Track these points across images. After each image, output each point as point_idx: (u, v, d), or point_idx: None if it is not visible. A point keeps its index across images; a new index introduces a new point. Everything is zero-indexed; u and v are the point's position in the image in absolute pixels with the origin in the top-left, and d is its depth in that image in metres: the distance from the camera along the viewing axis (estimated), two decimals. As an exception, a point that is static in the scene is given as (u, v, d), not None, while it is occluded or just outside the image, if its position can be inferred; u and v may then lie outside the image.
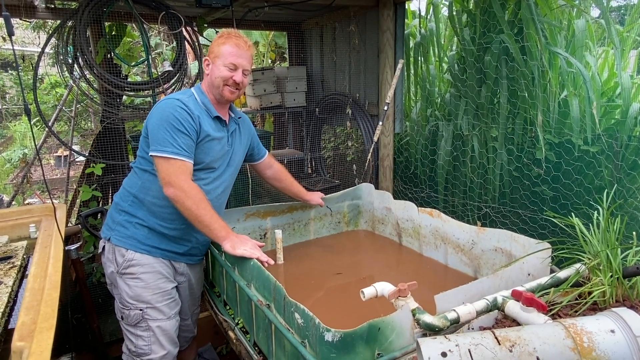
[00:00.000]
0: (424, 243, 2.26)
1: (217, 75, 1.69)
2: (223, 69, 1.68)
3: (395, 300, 1.32)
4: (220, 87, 1.70)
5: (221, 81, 1.69)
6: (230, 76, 1.69)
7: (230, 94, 1.72)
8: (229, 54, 1.68)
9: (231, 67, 1.69)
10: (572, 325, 0.88)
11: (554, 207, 2.33)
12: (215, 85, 1.70)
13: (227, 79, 1.69)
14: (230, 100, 1.74)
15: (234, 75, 1.69)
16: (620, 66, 2.19)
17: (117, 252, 1.68)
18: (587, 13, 2.31)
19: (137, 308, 1.66)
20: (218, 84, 1.70)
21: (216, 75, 1.69)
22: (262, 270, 1.49)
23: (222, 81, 1.69)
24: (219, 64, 1.69)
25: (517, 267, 1.51)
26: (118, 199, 1.74)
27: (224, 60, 1.68)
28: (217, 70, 1.69)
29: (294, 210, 2.44)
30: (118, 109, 2.59)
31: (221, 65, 1.68)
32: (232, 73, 1.69)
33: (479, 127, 2.60)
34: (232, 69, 1.69)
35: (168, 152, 1.57)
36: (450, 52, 2.85)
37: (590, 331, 0.87)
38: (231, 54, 1.68)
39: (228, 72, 1.68)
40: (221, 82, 1.69)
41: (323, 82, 3.77)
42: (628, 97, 2.21)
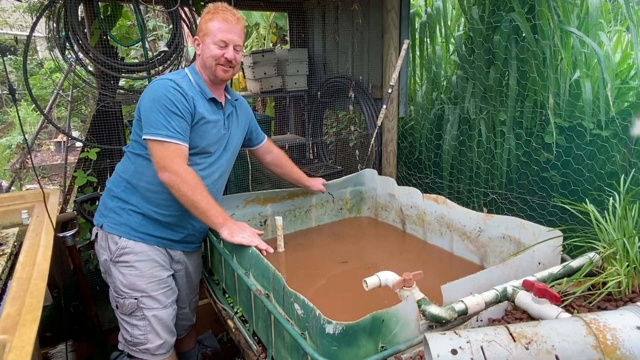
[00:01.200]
0: (428, 230, 2.20)
1: (208, 55, 1.61)
2: (213, 47, 1.60)
3: (399, 291, 1.26)
4: (213, 66, 1.62)
5: (213, 60, 1.61)
6: (221, 54, 1.60)
7: (224, 72, 1.63)
8: (218, 30, 1.59)
9: (221, 45, 1.60)
10: (593, 320, 0.82)
11: (564, 193, 2.25)
12: (208, 66, 1.62)
13: (218, 58, 1.61)
14: (224, 79, 1.66)
15: (225, 53, 1.60)
16: (637, 46, 2.08)
17: (110, 240, 1.62)
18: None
19: (132, 297, 1.61)
20: (210, 64, 1.62)
21: (207, 55, 1.61)
22: (261, 259, 1.43)
23: (213, 60, 1.61)
24: (208, 43, 1.61)
25: (527, 256, 1.44)
26: (110, 185, 1.68)
27: (213, 38, 1.60)
28: (208, 49, 1.61)
29: (294, 197, 2.37)
30: (114, 92, 2.50)
31: (211, 44, 1.60)
32: (223, 50, 1.60)
33: (487, 111, 2.50)
34: (223, 46, 1.60)
35: (162, 135, 1.50)
36: (457, 32, 2.74)
37: (614, 327, 0.80)
38: (220, 30, 1.59)
39: (219, 50, 1.60)
40: (213, 61, 1.61)
41: (325, 65, 3.67)
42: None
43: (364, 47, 3.15)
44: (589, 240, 1.40)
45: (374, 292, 1.73)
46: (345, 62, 3.38)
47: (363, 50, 3.17)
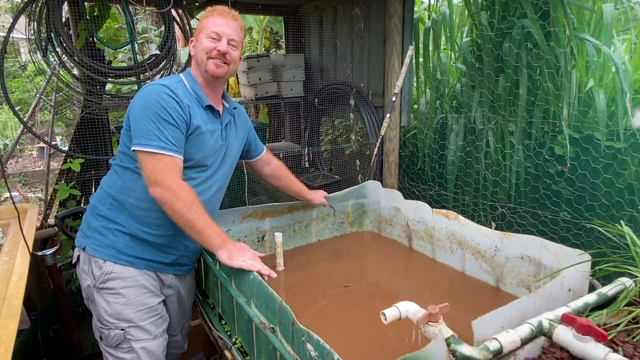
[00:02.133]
0: (437, 247, 2.07)
1: (200, 49, 1.48)
2: (205, 40, 1.47)
3: (424, 326, 1.12)
4: (204, 60, 1.48)
5: (204, 54, 1.47)
6: (213, 47, 1.46)
7: (216, 67, 1.48)
8: (212, 24, 1.47)
9: (214, 37, 1.46)
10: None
11: (578, 209, 2.14)
12: (199, 61, 1.49)
13: (210, 50, 1.46)
14: (216, 75, 1.49)
15: (217, 46, 1.46)
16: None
17: (94, 264, 1.45)
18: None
19: (118, 327, 1.44)
20: (202, 58, 1.48)
21: (199, 49, 1.48)
22: (265, 287, 1.27)
23: (205, 54, 1.47)
24: (201, 38, 1.48)
25: (557, 282, 1.32)
26: (95, 202, 1.51)
27: (206, 32, 1.47)
28: (200, 44, 1.48)
29: (294, 211, 2.23)
30: (100, 98, 2.33)
31: (204, 38, 1.47)
32: (214, 43, 1.46)
33: (495, 121, 2.39)
34: (215, 39, 1.46)
35: (154, 146, 1.34)
36: (464, 38, 2.63)
37: None
38: (214, 24, 1.47)
39: (211, 43, 1.46)
40: (204, 55, 1.47)
41: (322, 71, 3.54)
42: (661, 88, 2.02)
43: (364, 53, 3.03)
44: (624, 265, 1.29)
45: (374, 318, 1.60)
46: (344, 68, 3.26)
47: (363, 57, 3.05)
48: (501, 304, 1.70)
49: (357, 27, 2.96)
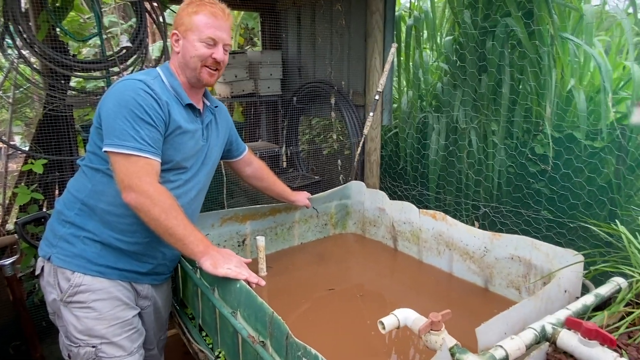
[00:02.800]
0: (424, 248, 2.03)
1: (193, 55, 1.35)
2: (199, 45, 1.35)
3: (426, 336, 1.06)
4: (198, 68, 1.37)
5: (198, 61, 1.36)
6: (209, 54, 1.35)
7: (210, 76, 1.39)
8: (205, 25, 1.34)
9: (209, 43, 1.35)
10: None
11: (561, 207, 2.15)
12: (191, 67, 1.37)
13: (205, 58, 1.36)
14: (209, 84, 1.41)
15: (213, 53, 1.36)
16: (633, 56, 2.03)
17: (61, 275, 1.31)
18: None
19: (89, 345, 1.31)
20: (194, 65, 1.36)
21: (191, 55, 1.35)
22: (254, 297, 1.18)
23: (199, 61, 1.36)
24: (192, 40, 1.35)
25: (554, 284, 1.29)
26: (61, 207, 1.37)
27: (199, 35, 1.34)
28: (192, 47, 1.35)
29: (276, 213, 2.14)
30: (65, 93, 2.16)
31: (196, 41, 1.35)
32: (211, 50, 1.36)
33: (478, 120, 2.38)
34: (211, 45, 1.36)
35: (128, 147, 1.22)
36: (446, 37, 2.61)
37: None
38: (207, 26, 1.34)
39: (206, 49, 1.35)
40: (198, 62, 1.36)
41: (301, 69, 3.45)
42: (638, 88, 2.05)
43: (345, 51, 2.97)
44: (618, 265, 1.27)
45: (360, 322, 1.55)
46: (323, 66, 3.19)
47: (343, 55, 2.99)
48: (490, 305, 1.70)
49: (338, 24, 2.89)
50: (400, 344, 1.46)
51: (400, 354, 1.42)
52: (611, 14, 2.24)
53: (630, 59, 2.03)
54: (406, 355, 1.42)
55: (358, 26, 2.80)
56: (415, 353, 1.43)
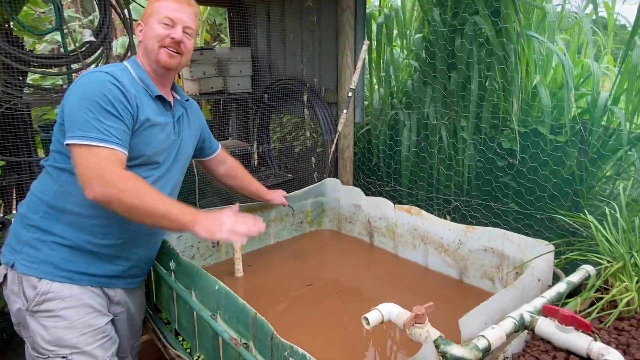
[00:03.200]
0: (400, 243, 2.05)
1: (151, 36, 1.30)
2: (157, 26, 1.30)
3: (411, 329, 1.06)
4: (155, 49, 1.30)
5: (155, 42, 1.30)
6: (166, 34, 1.30)
7: (169, 57, 1.32)
8: (165, 8, 1.30)
9: (167, 23, 1.30)
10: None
11: (529, 199, 2.23)
12: (149, 49, 1.31)
13: (162, 38, 1.30)
14: (168, 66, 1.34)
15: (171, 33, 1.30)
16: (592, 54, 2.12)
17: (26, 283, 1.23)
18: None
19: (59, 355, 1.24)
20: (152, 47, 1.30)
21: (149, 36, 1.30)
22: (235, 298, 1.15)
23: (156, 42, 1.30)
24: (152, 23, 1.30)
25: (529, 274, 1.33)
26: (25, 210, 1.28)
27: (157, 17, 1.30)
28: (151, 29, 1.30)
29: (251, 212, 2.09)
30: (22, 91, 2.04)
31: (155, 23, 1.30)
32: (168, 30, 1.30)
33: (448, 116, 2.43)
34: (169, 25, 1.30)
35: (91, 138, 1.14)
36: (416, 34, 2.65)
37: None
38: (167, 9, 1.30)
39: (163, 30, 1.30)
40: (156, 42, 1.30)
41: (271, 66, 3.41)
42: (597, 84, 2.15)
43: (316, 48, 2.96)
44: (587, 253, 1.33)
45: (338, 318, 1.55)
46: (294, 63, 3.16)
47: (314, 52, 2.98)
48: (465, 296, 1.73)
49: (309, 21, 2.87)
50: (379, 337, 1.47)
51: (379, 346, 1.43)
52: (570, 13, 2.34)
53: (590, 57, 2.12)
54: (385, 349, 1.43)
55: (329, 23, 2.79)
56: (392, 345, 1.45)
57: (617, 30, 2.67)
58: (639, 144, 2.02)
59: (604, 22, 2.45)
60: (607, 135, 2.10)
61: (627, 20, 2.38)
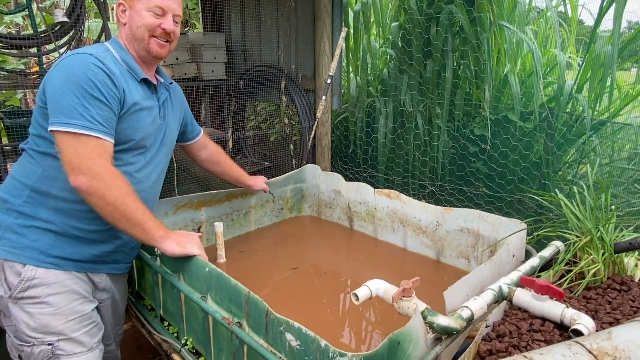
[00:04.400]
0: (379, 226, 2.11)
1: (140, 24, 1.27)
2: (147, 14, 1.27)
3: (399, 302, 1.11)
4: (145, 39, 1.29)
5: (145, 31, 1.28)
6: (157, 24, 1.28)
7: (160, 47, 1.31)
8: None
9: (157, 12, 1.28)
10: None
11: (500, 183, 2.33)
12: (139, 38, 1.29)
13: (153, 28, 1.28)
14: (159, 56, 1.33)
15: (162, 23, 1.29)
16: (559, 44, 2.23)
17: (9, 269, 1.19)
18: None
19: (44, 342, 1.21)
20: (142, 36, 1.28)
21: (138, 25, 1.27)
22: (227, 279, 1.16)
23: (146, 31, 1.28)
24: (140, 9, 1.27)
25: (505, 250, 1.41)
26: (6, 195, 1.23)
27: (146, 3, 1.27)
28: (139, 17, 1.27)
29: (232, 199, 2.10)
30: (-16, 74, 1.94)
31: (143, 10, 1.27)
32: (159, 20, 1.29)
33: (424, 103, 2.50)
34: (159, 15, 1.29)
35: (77, 125, 1.13)
36: (393, 22, 2.69)
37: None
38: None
39: (154, 19, 1.28)
40: (146, 32, 1.28)
41: (246, 52, 3.37)
42: (564, 73, 2.27)
43: (292, 35, 2.95)
44: (557, 229, 1.42)
45: (317, 298, 1.59)
46: (270, 50, 3.14)
47: (291, 38, 2.97)
48: (442, 275, 1.81)
49: (286, 7, 2.86)
50: (356, 318, 1.51)
51: (356, 326, 1.46)
52: (535, 7, 2.44)
53: (557, 47, 2.23)
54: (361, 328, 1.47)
55: (306, 9, 2.79)
56: (368, 325, 1.49)
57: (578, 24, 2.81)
58: (600, 130, 2.15)
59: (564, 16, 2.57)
60: (572, 121, 2.22)
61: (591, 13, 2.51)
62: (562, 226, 1.44)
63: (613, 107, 2.27)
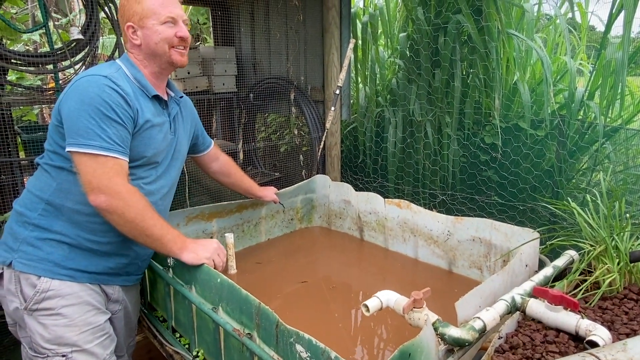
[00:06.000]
0: (390, 236, 2.10)
1: (158, 40, 1.30)
2: (162, 28, 1.30)
3: (409, 314, 1.10)
4: (167, 52, 1.32)
5: (165, 44, 1.32)
6: (173, 33, 1.32)
7: (181, 56, 1.36)
8: (160, 6, 1.30)
9: (170, 22, 1.32)
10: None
11: (512, 192, 2.31)
12: (160, 53, 1.33)
13: (171, 39, 1.32)
14: (183, 64, 1.38)
15: (177, 31, 1.32)
16: (569, 51, 2.22)
17: (25, 281, 1.22)
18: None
19: (58, 354, 1.23)
20: (163, 50, 1.32)
21: (156, 41, 1.31)
22: (238, 290, 1.17)
23: (166, 44, 1.32)
24: (152, 25, 1.30)
25: (517, 260, 1.39)
26: (22, 208, 1.27)
27: (158, 17, 1.30)
28: (155, 33, 1.30)
29: (243, 210, 2.11)
30: (2, 88, 2.00)
31: (157, 25, 1.30)
32: (174, 29, 1.32)
33: (433, 112, 2.50)
34: (173, 24, 1.32)
35: (95, 146, 1.17)
36: (401, 33, 2.71)
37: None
38: (163, 6, 1.30)
39: (170, 30, 1.31)
40: (165, 45, 1.32)
41: (256, 65, 3.42)
42: (574, 80, 2.25)
43: (301, 47, 2.99)
44: (571, 239, 1.40)
45: (328, 309, 1.58)
46: (279, 62, 3.18)
47: (300, 50, 3.00)
48: (454, 286, 1.79)
49: (295, 20, 2.90)
50: (369, 332, 1.49)
51: (368, 343, 1.45)
52: (545, 15, 2.44)
53: (567, 54, 2.22)
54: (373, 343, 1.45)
55: (314, 22, 2.82)
56: (380, 342, 1.47)
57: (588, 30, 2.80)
58: (613, 136, 2.12)
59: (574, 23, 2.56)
60: (584, 128, 2.20)
61: (601, 20, 2.50)
62: (575, 235, 1.42)
63: (626, 114, 2.25)
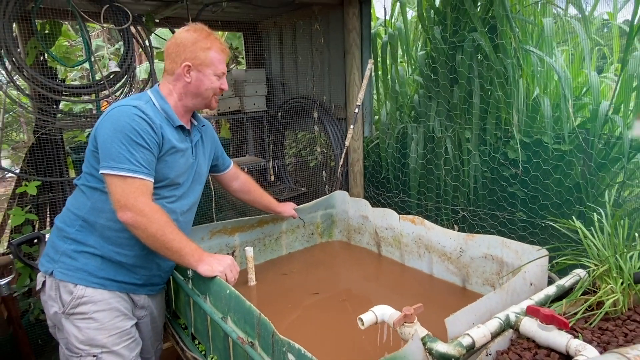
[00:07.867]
0: (406, 252, 2.14)
1: (209, 87, 1.52)
2: (214, 79, 1.52)
3: (400, 328, 1.16)
4: (209, 98, 1.55)
5: (211, 92, 1.54)
6: (219, 85, 1.54)
7: (217, 102, 1.59)
8: (219, 61, 1.52)
9: (220, 75, 1.54)
10: None
11: (533, 208, 2.28)
12: (205, 97, 1.54)
13: (217, 89, 1.55)
14: (215, 108, 1.61)
15: (222, 84, 1.55)
16: (589, 65, 2.19)
17: (63, 289, 1.39)
18: (562, 9, 2.30)
19: (90, 354, 1.39)
20: (207, 96, 1.53)
21: (207, 87, 1.52)
22: (242, 301, 1.27)
23: (212, 92, 1.54)
24: (209, 74, 1.51)
25: (519, 278, 1.40)
26: (62, 224, 1.46)
27: (214, 70, 1.51)
28: (209, 81, 1.51)
29: (264, 224, 2.23)
30: (55, 117, 2.25)
31: (212, 75, 1.52)
32: (220, 81, 1.55)
33: (453, 129, 2.52)
34: (220, 77, 1.55)
35: (124, 169, 1.33)
36: (419, 51, 2.76)
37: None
38: (220, 62, 1.52)
39: (218, 82, 1.54)
40: (211, 93, 1.54)
41: (284, 85, 3.58)
42: (597, 95, 2.21)
43: (325, 68, 3.11)
44: (578, 257, 1.39)
45: (347, 323, 1.63)
46: (305, 82, 3.32)
47: (324, 71, 3.13)
48: (468, 303, 1.79)
49: (317, 43, 3.03)
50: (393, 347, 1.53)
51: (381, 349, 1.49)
52: (573, 19, 2.41)
53: (587, 67, 2.18)
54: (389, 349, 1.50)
55: (336, 44, 2.94)
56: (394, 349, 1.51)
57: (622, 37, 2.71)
58: (638, 153, 2.06)
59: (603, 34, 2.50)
60: (609, 144, 2.14)
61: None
62: (583, 254, 1.41)
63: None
